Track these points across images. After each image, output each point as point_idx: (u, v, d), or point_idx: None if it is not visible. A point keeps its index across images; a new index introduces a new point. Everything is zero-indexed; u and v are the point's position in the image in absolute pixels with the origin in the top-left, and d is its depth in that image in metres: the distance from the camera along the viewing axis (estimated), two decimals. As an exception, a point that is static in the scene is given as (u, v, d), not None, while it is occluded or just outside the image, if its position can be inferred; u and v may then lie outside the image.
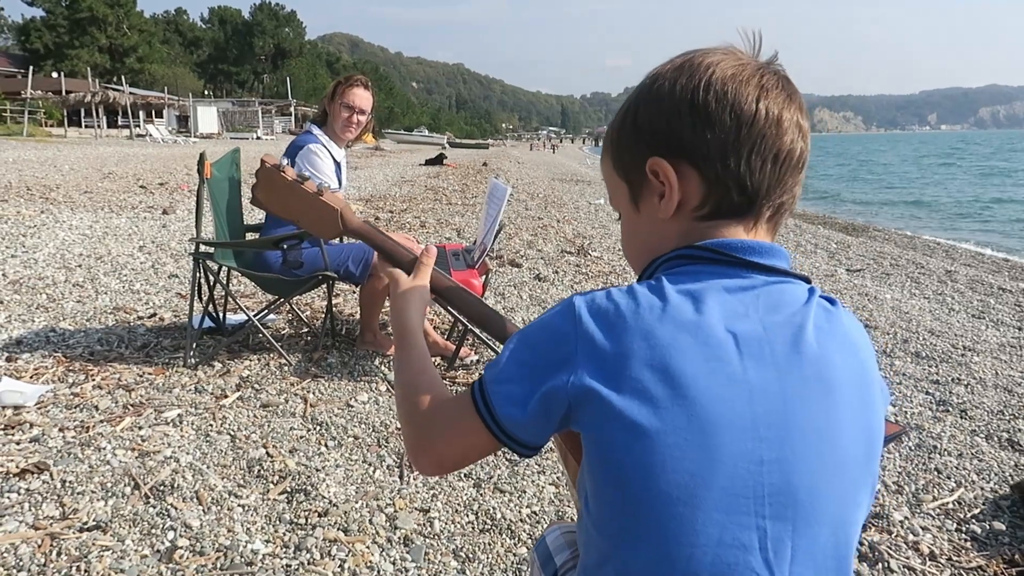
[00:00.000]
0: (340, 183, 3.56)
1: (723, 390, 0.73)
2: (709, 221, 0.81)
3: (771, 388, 0.74)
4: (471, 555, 1.97)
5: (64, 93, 42.13)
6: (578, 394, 0.74)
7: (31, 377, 3.12)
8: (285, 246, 3.21)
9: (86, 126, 41.54)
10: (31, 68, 42.01)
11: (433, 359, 3.46)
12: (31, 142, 27.12)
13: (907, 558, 2.29)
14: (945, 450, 3.04)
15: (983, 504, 2.64)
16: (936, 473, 2.85)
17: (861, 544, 2.33)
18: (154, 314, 4.24)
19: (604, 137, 0.91)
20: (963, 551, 2.35)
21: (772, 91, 0.80)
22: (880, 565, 2.25)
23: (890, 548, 2.33)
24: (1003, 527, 2.47)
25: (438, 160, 24.25)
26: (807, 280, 0.83)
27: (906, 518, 2.51)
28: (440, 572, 1.90)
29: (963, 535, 2.44)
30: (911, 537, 2.40)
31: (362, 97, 3.51)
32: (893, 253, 9.55)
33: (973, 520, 2.53)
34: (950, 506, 2.61)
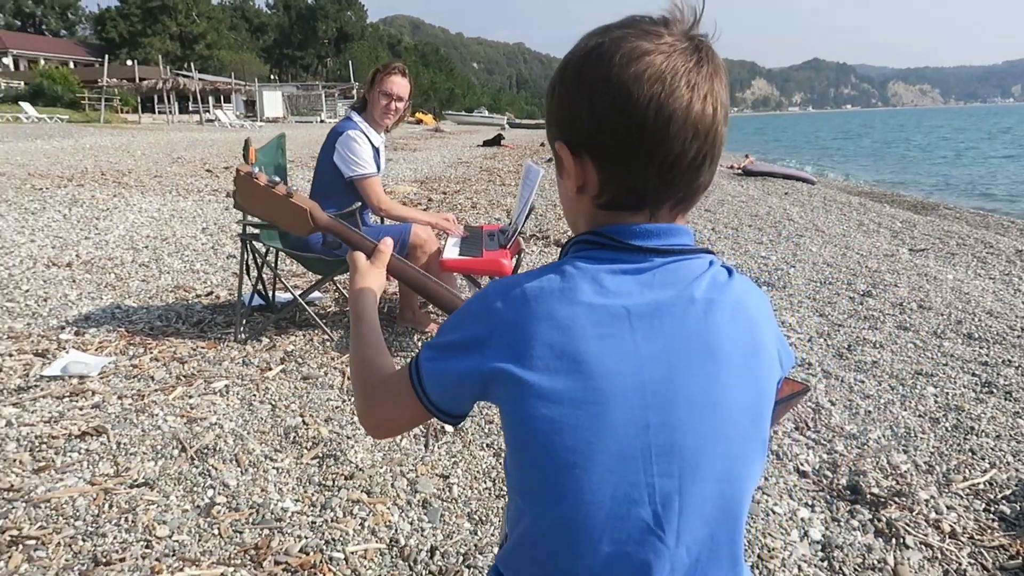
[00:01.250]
0: (379, 168, 3.70)
1: (615, 363, 0.81)
2: (608, 210, 0.87)
3: (659, 358, 0.82)
4: (484, 518, 2.10)
5: (138, 80, 43.67)
6: (491, 373, 0.84)
7: (95, 350, 3.39)
8: (325, 227, 3.37)
9: (159, 112, 43.07)
10: (107, 57, 43.71)
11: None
12: (107, 128, 28.33)
13: (925, 535, 2.28)
14: (983, 431, 3.01)
15: (1015, 485, 2.61)
16: (970, 454, 2.82)
17: (879, 520, 2.34)
18: (211, 292, 4.49)
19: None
20: (988, 531, 2.33)
21: (677, 85, 0.80)
22: (895, 541, 2.26)
23: (908, 525, 2.33)
24: (1034, 510, 2.44)
25: (496, 141, 24.33)
26: (709, 252, 0.89)
27: (932, 497, 2.49)
28: (454, 532, 2.04)
29: (991, 515, 2.42)
30: (933, 515, 2.39)
31: (400, 84, 3.63)
32: (962, 232, 9.23)
33: (1003, 501, 2.50)
34: (981, 486, 2.59)
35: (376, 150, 3.69)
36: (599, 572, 0.82)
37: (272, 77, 76.27)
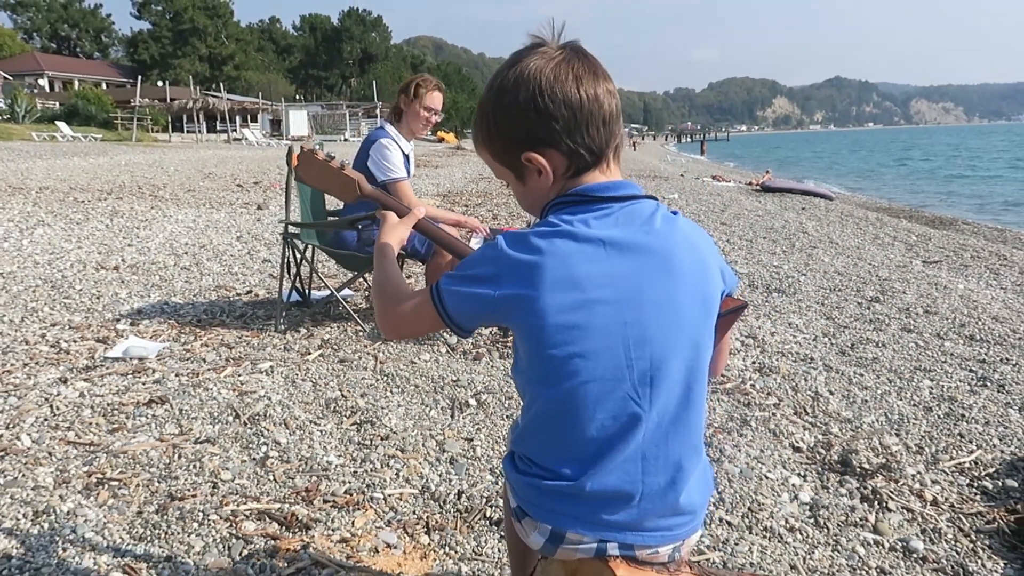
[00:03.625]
0: (408, 173, 4.01)
1: (599, 281, 1.12)
2: (575, 177, 1.19)
3: (629, 273, 1.13)
4: (503, 472, 2.37)
5: (168, 101, 44.85)
6: (506, 300, 1.14)
7: (151, 337, 3.72)
8: (360, 226, 3.68)
9: (188, 131, 44.08)
10: (139, 78, 44.90)
11: (490, 329, 3.88)
12: (139, 147, 29.13)
13: (907, 502, 2.49)
14: (973, 418, 3.21)
15: (999, 464, 2.81)
16: (959, 437, 3.02)
17: (865, 488, 2.56)
18: (250, 291, 4.82)
19: (473, 131, 1.28)
20: (968, 501, 2.53)
21: (584, 76, 1.15)
22: (878, 504, 2.47)
23: (892, 493, 2.54)
24: (1015, 484, 2.62)
25: (517, 158, 24.71)
26: (654, 198, 1.20)
27: (919, 472, 2.69)
28: (477, 482, 2.32)
29: (973, 490, 2.61)
30: (917, 487, 2.59)
31: (439, 99, 3.97)
32: (976, 245, 9.38)
33: (987, 478, 2.70)
34: (966, 465, 2.78)
35: (406, 156, 4.00)
36: (595, 434, 1.12)
37: (298, 97, 77.58)
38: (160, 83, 58.41)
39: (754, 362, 3.79)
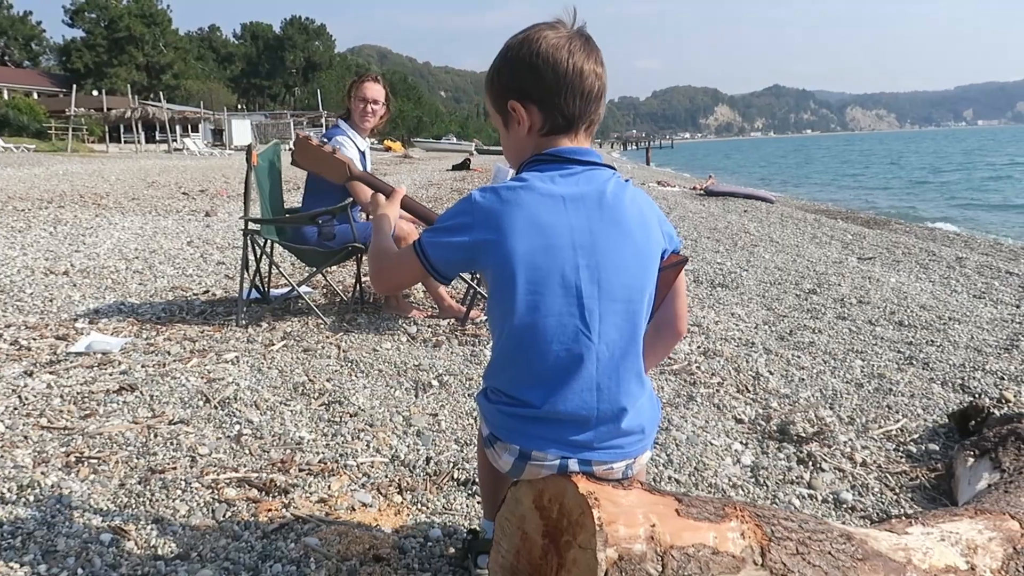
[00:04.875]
0: (365, 168, 4.13)
1: (558, 227, 1.32)
2: (548, 136, 1.40)
3: (584, 225, 1.34)
4: (468, 441, 2.53)
5: (105, 110, 43.70)
6: (479, 244, 1.33)
7: (111, 334, 3.75)
8: (320, 221, 3.79)
9: (126, 141, 43.03)
10: (73, 87, 43.64)
11: (448, 319, 4.03)
12: (76, 157, 28.38)
13: (839, 464, 2.72)
14: (900, 392, 3.47)
15: (922, 431, 3.07)
16: (887, 409, 3.28)
17: (801, 452, 2.77)
18: (207, 291, 4.87)
19: (485, 83, 1.49)
20: (894, 462, 2.78)
21: (577, 52, 1.36)
22: (812, 464, 2.70)
23: (825, 456, 2.77)
24: (936, 448, 2.88)
25: (464, 165, 24.96)
26: (612, 167, 1.41)
27: (850, 439, 2.93)
28: (444, 451, 2.47)
29: (899, 453, 2.85)
30: (848, 451, 2.83)
31: (373, 89, 4.09)
32: (908, 243, 9.87)
33: (911, 443, 2.95)
34: (893, 432, 3.03)
35: (362, 153, 4.12)
36: (551, 362, 1.30)
37: (240, 106, 76.43)
38: (96, 92, 56.82)
39: (699, 347, 4.01)
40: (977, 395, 3.44)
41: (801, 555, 1.42)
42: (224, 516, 1.97)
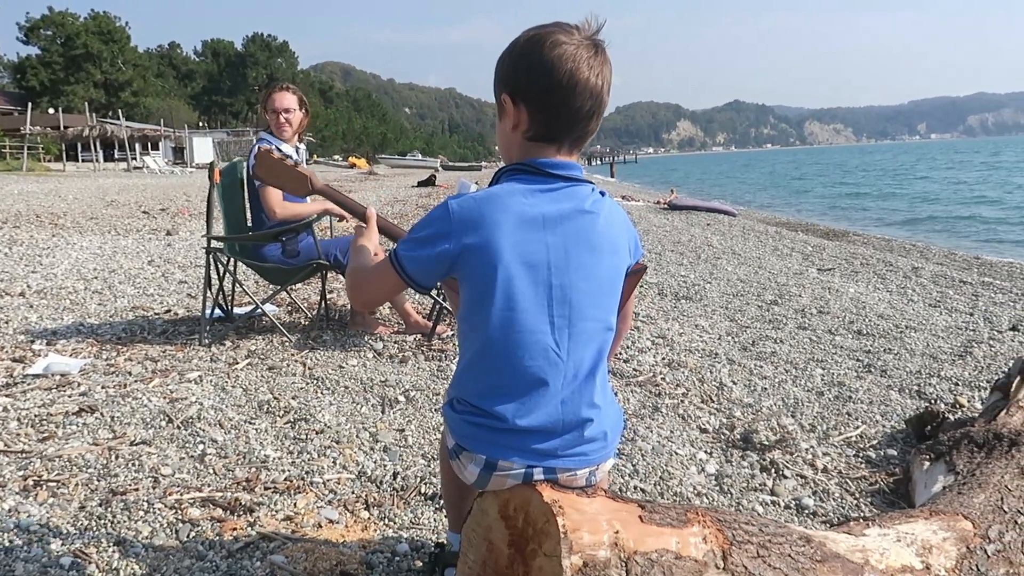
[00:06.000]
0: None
1: (533, 245, 1.33)
2: (533, 142, 1.38)
3: (559, 244, 1.34)
4: (435, 456, 2.53)
5: (62, 128, 42.87)
6: (459, 251, 1.33)
7: (70, 355, 3.68)
8: (284, 238, 3.77)
9: (83, 160, 42.23)
10: (28, 105, 42.76)
11: (414, 335, 4.03)
12: (31, 176, 27.77)
13: (801, 470, 2.77)
14: (859, 399, 3.55)
15: (881, 437, 3.14)
16: (847, 416, 3.35)
17: (764, 460, 2.82)
18: (169, 310, 4.80)
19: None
20: (854, 468, 2.84)
21: (581, 63, 1.31)
22: (775, 471, 2.75)
23: (788, 463, 2.82)
24: (895, 453, 2.94)
25: (429, 182, 24.97)
26: (591, 183, 1.41)
27: (811, 446, 2.98)
28: (411, 466, 2.46)
29: (859, 459, 2.92)
30: (810, 457, 2.89)
31: (283, 98, 4.07)
32: (866, 254, 10.12)
33: (871, 448, 3.01)
34: (853, 439, 3.10)
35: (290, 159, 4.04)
36: (521, 377, 1.31)
37: (201, 124, 75.58)
38: (52, 110, 55.68)
39: (664, 359, 4.06)
40: (933, 401, 3.53)
41: (762, 558, 1.45)
42: (188, 536, 1.95)
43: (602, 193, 1.42)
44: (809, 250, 10.26)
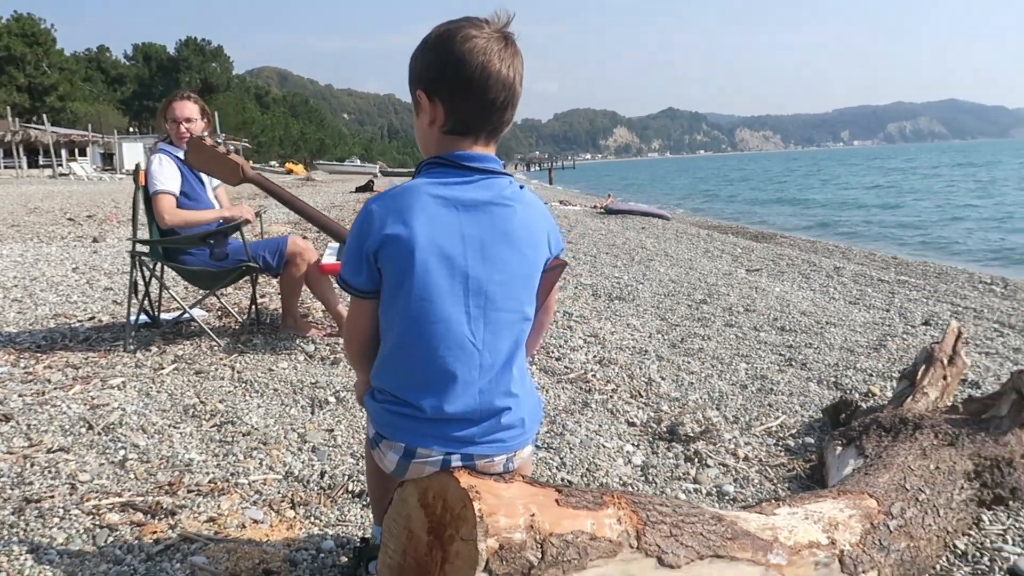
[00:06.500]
0: (203, 185, 3.87)
1: (449, 236, 1.35)
2: (450, 136, 1.40)
3: (476, 235, 1.37)
4: (364, 455, 2.51)
5: (-19, 133, 41.03)
6: (379, 245, 1.34)
7: (-15, 364, 3.54)
8: (212, 240, 3.70)
9: (6, 167, 40.49)
10: (-55, 110, 40.79)
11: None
12: (-52, 183, 26.49)
13: (724, 460, 2.87)
14: (780, 392, 3.68)
15: (800, 426, 3.26)
16: (768, 407, 3.47)
17: (688, 451, 2.90)
18: (93, 317, 4.66)
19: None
20: (774, 456, 2.95)
21: (492, 56, 1.33)
22: (698, 461, 2.83)
23: (711, 453, 2.91)
24: (812, 441, 3.06)
25: (367, 187, 24.81)
26: (509, 175, 1.44)
27: (734, 437, 3.08)
28: (339, 465, 2.46)
29: (779, 448, 3.03)
30: (732, 447, 2.98)
31: (182, 108, 3.92)
32: (791, 255, 10.47)
33: (790, 437, 3.13)
34: (773, 428, 3.21)
35: (192, 171, 3.89)
36: (438, 367, 1.34)
37: (132, 129, 73.16)
38: (-29, 115, 53.26)
39: (595, 356, 4.14)
40: (848, 391, 3.69)
41: (675, 536, 1.51)
42: (106, 541, 1.91)
43: (521, 187, 1.45)
44: (738, 252, 10.56)
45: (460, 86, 1.34)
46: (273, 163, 55.56)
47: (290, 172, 46.72)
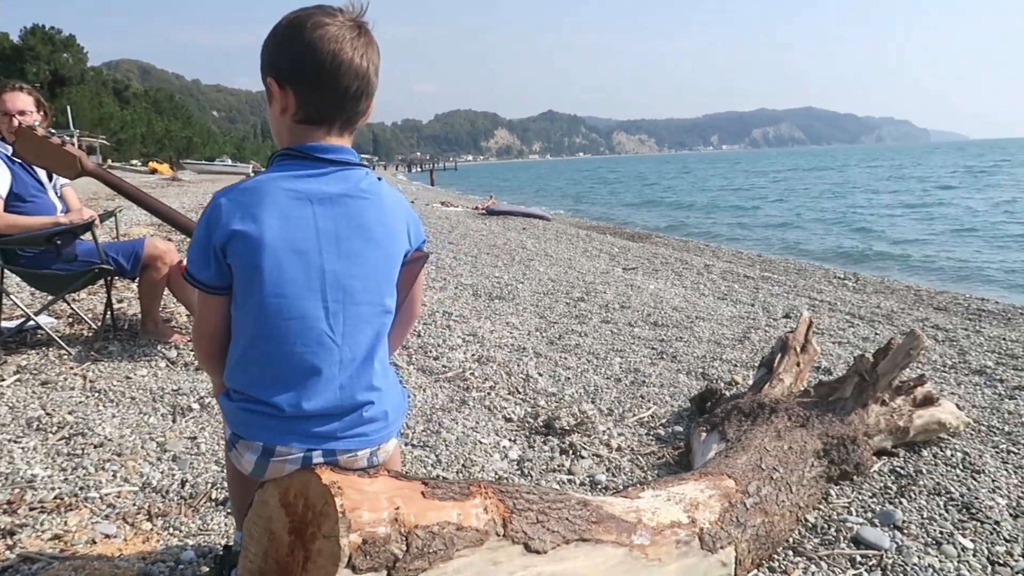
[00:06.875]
0: (37, 181, 3.60)
1: (303, 231, 1.31)
2: (302, 125, 1.35)
3: (330, 229, 1.33)
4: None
5: None
6: (226, 239, 1.28)
7: None
8: (59, 241, 3.43)
9: None
10: None
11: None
12: None
13: (597, 451, 2.94)
14: (652, 383, 3.82)
15: (669, 416, 3.39)
16: (641, 399, 3.58)
17: (564, 443, 2.95)
18: (-79, 327, 4.23)
19: None
20: (645, 445, 3.05)
21: (344, 44, 1.30)
22: (573, 453, 2.89)
23: (585, 445, 2.98)
24: (681, 429, 3.19)
25: (240, 188, 23.85)
26: (365, 166, 1.41)
27: (608, 428, 3.17)
28: (202, 473, 2.34)
29: (650, 437, 3.13)
30: (606, 438, 3.06)
31: (15, 99, 3.58)
32: (665, 254, 10.91)
33: (660, 427, 3.25)
34: (645, 419, 3.32)
35: (27, 168, 3.57)
36: (295, 364, 1.30)
37: (-29, 124, 67.04)
38: None
39: (474, 355, 4.15)
40: (714, 380, 3.88)
41: (541, 523, 1.53)
42: (-71, 568, 1.74)
43: (379, 179, 1.42)
44: (616, 251, 10.90)
45: (311, 74, 1.30)
46: (135, 162, 52.35)
47: (154, 172, 44.20)
